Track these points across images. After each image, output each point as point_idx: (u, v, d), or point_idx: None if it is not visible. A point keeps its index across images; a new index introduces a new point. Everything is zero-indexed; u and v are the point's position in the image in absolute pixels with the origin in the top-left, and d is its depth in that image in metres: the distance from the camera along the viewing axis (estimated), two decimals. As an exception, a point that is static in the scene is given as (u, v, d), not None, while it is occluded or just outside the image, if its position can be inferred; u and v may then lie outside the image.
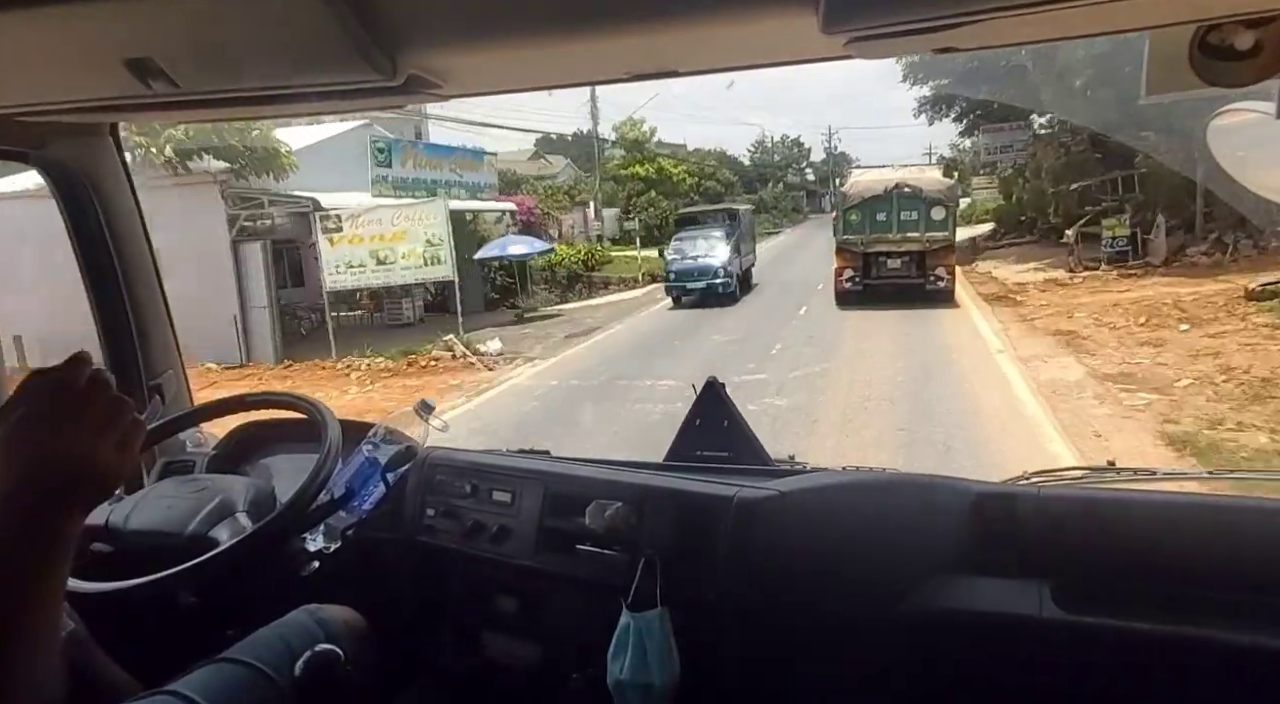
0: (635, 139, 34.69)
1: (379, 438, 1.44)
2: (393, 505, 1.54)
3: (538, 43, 0.96)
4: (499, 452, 1.67)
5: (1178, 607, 1.12)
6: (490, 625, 1.54)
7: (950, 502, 1.33)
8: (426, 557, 1.56)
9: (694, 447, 1.56)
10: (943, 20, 0.80)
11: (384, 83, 0.97)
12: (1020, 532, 1.27)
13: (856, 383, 9.21)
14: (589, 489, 1.42)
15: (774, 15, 0.87)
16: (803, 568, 1.27)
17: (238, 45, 0.95)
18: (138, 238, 1.69)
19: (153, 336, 1.74)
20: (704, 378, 1.57)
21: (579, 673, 1.38)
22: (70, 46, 0.98)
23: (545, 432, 7.68)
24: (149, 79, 0.98)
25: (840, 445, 6.81)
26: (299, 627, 1.32)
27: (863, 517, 1.33)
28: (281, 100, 1.10)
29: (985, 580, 1.25)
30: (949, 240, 13.13)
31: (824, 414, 7.98)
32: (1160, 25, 0.93)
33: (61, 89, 1.12)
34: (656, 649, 1.25)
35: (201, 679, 1.17)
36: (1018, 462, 5.45)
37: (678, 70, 1.13)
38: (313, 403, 1.41)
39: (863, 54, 0.95)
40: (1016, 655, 1.20)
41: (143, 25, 0.92)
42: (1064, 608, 1.17)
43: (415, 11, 0.91)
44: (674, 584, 1.27)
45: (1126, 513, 1.26)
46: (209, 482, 1.38)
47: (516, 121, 45.39)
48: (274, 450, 1.73)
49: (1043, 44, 0.99)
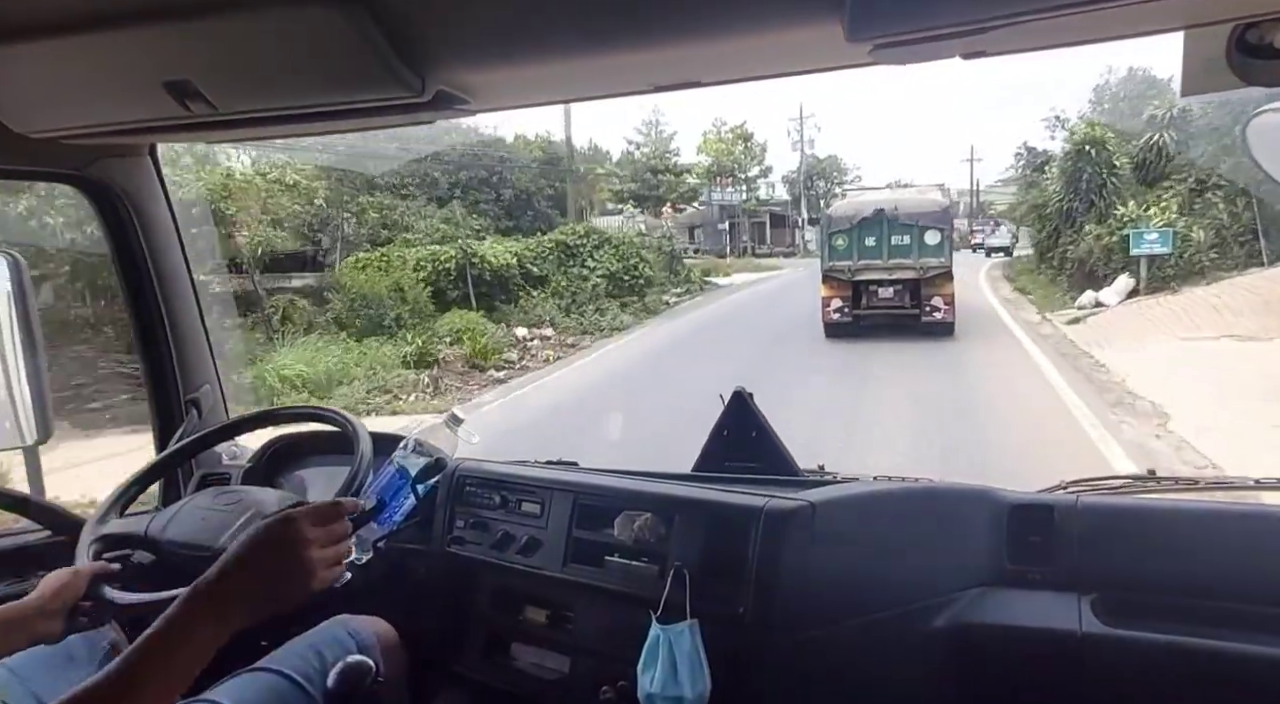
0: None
1: (409, 449, 1.45)
2: (423, 517, 1.55)
3: (563, 57, 0.97)
4: (528, 462, 1.68)
5: (1224, 621, 1.09)
6: (520, 637, 1.54)
7: (985, 512, 1.30)
8: (456, 568, 1.57)
9: (722, 457, 1.55)
10: (970, 25, 0.79)
11: (413, 99, 0.99)
12: (1058, 543, 1.24)
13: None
14: (617, 500, 1.41)
15: (799, 24, 0.87)
16: (834, 580, 1.25)
17: (272, 66, 0.97)
18: (175, 255, 1.73)
19: (189, 351, 1.78)
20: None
21: (609, 686, 1.37)
22: (114, 71, 1.01)
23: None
24: (187, 101, 1.01)
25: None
26: (331, 637, 1.33)
27: (895, 528, 1.31)
28: (314, 118, 1.13)
29: (1022, 593, 1.23)
30: (945, 267, 11.69)
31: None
32: (1196, 25, 0.91)
33: (106, 112, 1.15)
34: (686, 662, 1.24)
35: (237, 688, 1.19)
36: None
37: (701, 81, 1.13)
38: (344, 415, 1.43)
39: (888, 61, 0.94)
40: (1056, 672, 1.17)
41: (181, 49, 0.95)
42: (1105, 622, 1.14)
43: (443, 29, 0.92)
44: (704, 596, 1.26)
45: (1170, 523, 1.23)
46: (243, 494, 1.40)
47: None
48: (307, 463, 1.76)
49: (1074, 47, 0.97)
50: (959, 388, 9.03)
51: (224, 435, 1.63)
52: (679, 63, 1.03)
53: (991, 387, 9.01)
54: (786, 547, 1.25)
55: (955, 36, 0.82)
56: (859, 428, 7.41)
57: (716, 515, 1.32)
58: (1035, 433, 6.90)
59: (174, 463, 1.63)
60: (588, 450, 1.86)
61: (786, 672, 1.26)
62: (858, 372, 10.05)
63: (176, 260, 1.74)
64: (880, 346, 11.38)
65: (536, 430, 7.51)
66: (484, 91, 1.09)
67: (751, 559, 1.25)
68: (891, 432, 7.27)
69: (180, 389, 1.75)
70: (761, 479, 1.46)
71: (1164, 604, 1.14)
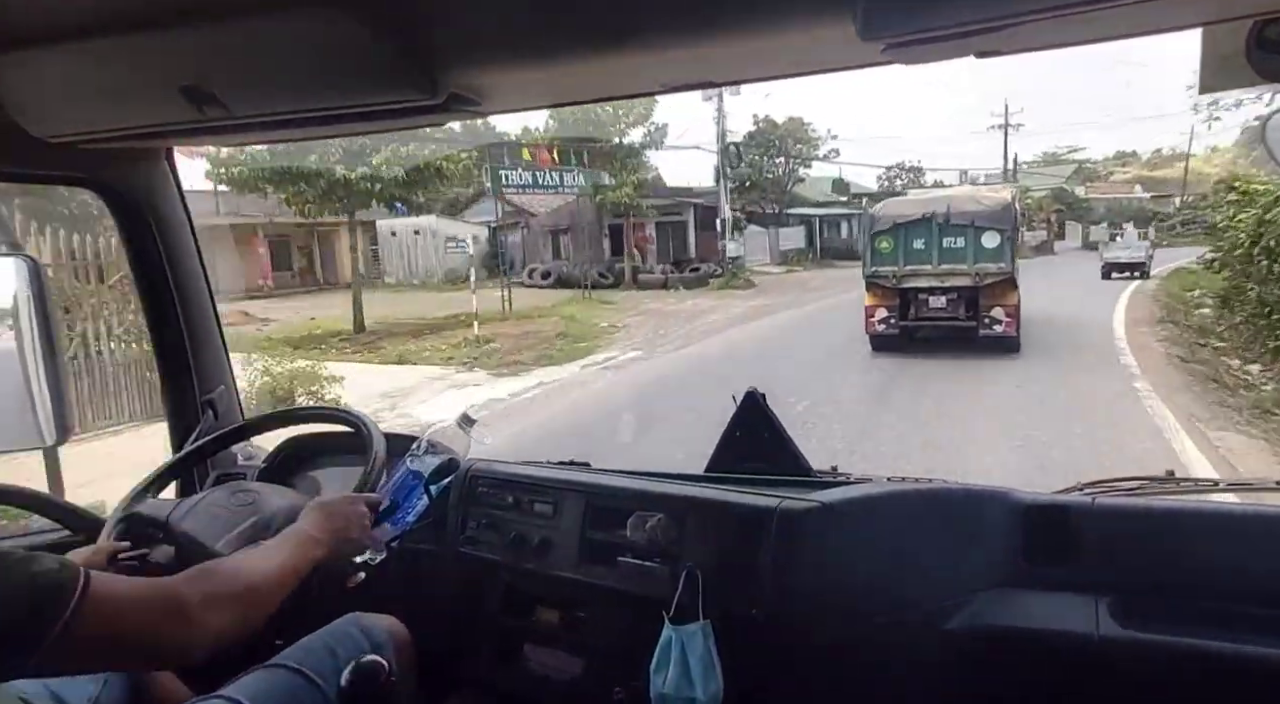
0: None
1: (422, 450, 1.45)
2: (436, 517, 1.55)
3: (575, 58, 0.97)
4: (540, 463, 1.68)
5: (1244, 624, 1.07)
6: (532, 638, 1.54)
7: (999, 513, 1.29)
8: (469, 568, 1.58)
9: (735, 458, 1.55)
10: (984, 24, 0.79)
11: (426, 102, 1.00)
12: (1074, 545, 1.23)
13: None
14: (630, 501, 1.41)
15: (811, 24, 0.87)
16: (847, 582, 1.25)
17: (285, 69, 0.98)
18: (191, 258, 1.75)
19: (206, 353, 1.79)
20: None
21: (621, 687, 1.37)
22: (131, 76, 1.02)
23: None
24: (203, 105, 1.02)
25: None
26: (345, 635, 1.34)
27: (909, 529, 1.30)
28: (327, 121, 1.14)
29: (1038, 595, 1.22)
30: (1006, 273, 10.09)
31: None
32: (1215, 21, 0.90)
33: (123, 116, 1.17)
34: (699, 663, 1.23)
35: (251, 684, 1.20)
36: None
37: (713, 81, 1.13)
38: (358, 416, 1.44)
39: (901, 60, 0.93)
40: (1073, 675, 1.16)
41: (197, 53, 0.96)
42: (1123, 625, 1.13)
43: (455, 32, 0.93)
44: (716, 597, 1.26)
45: (1189, 525, 1.21)
46: (258, 494, 1.42)
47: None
48: (321, 463, 1.77)
49: (1090, 45, 0.96)
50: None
51: (240, 436, 1.64)
52: (690, 63, 1.03)
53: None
54: (799, 548, 1.24)
55: (968, 35, 0.82)
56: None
57: (729, 516, 1.32)
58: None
59: (190, 463, 1.64)
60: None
61: (799, 673, 1.26)
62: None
63: (192, 263, 1.75)
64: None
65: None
66: (496, 93, 1.10)
67: (764, 560, 1.24)
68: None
69: (197, 390, 1.77)
70: (774, 480, 1.46)
71: (1183, 607, 1.13)
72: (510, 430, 7.11)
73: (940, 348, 10.24)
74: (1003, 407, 7.33)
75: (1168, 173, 46.21)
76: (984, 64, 0.94)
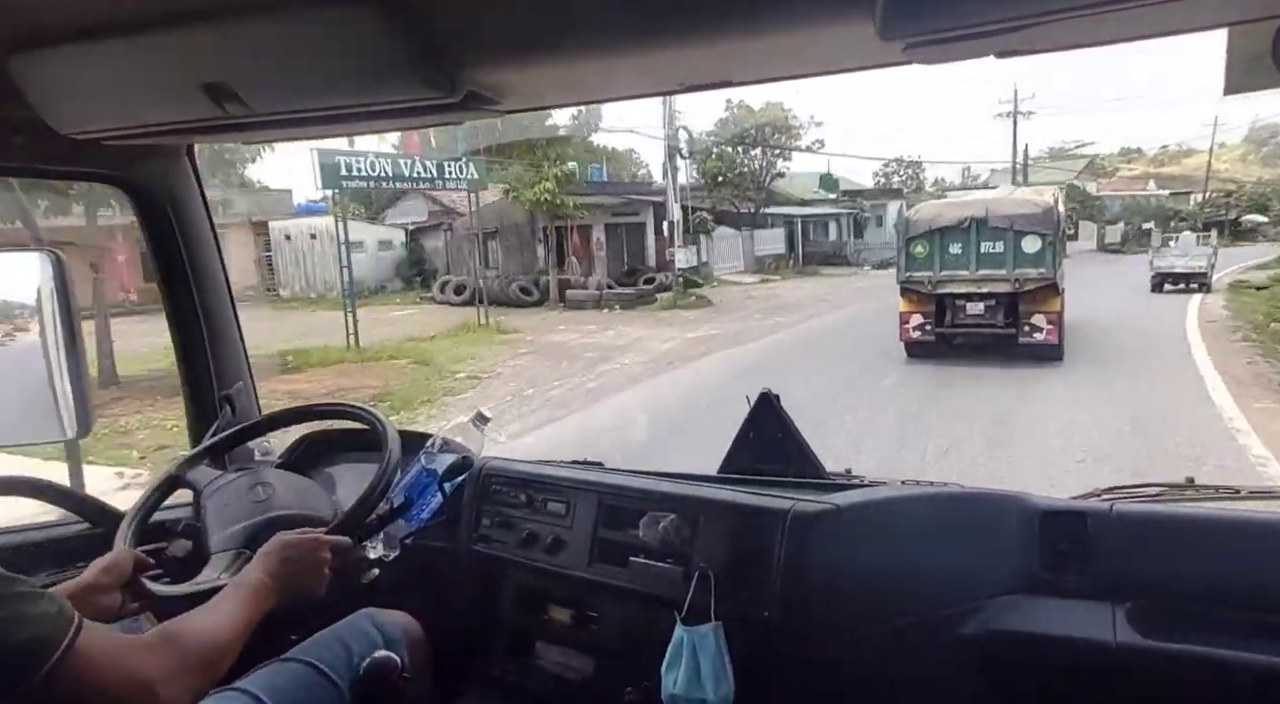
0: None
1: (436, 448, 1.46)
2: (449, 515, 1.56)
3: (594, 56, 0.98)
4: (553, 462, 1.68)
5: (1264, 633, 1.05)
6: (544, 636, 1.55)
7: (1016, 518, 1.28)
8: (482, 566, 1.58)
9: (748, 459, 1.55)
10: (1005, 23, 0.78)
11: (444, 99, 1.00)
12: (1091, 551, 1.22)
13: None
14: (642, 501, 1.41)
15: (830, 23, 0.87)
16: (860, 585, 1.24)
17: (305, 67, 0.99)
18: (211, 255, 1.77)
19: (224, 349, 1.81)
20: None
21: (632, 687, 1.37)
22: (153, 74, 1.04)
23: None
24: (224, 102, 1.03)
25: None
26: (358, 631, 1.35)
27: (923, 533, 1.29)
28: (347, 119, 1.14)
29: (1054, 602, 1.20)
30: (1047, 279, 9.73)
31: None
32: (1240, 21, 0.89)
33: (145, 113, 1.18)
34: (710, 664, 1.23)
35: (266, 677, 1.21)
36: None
37: (731, 80, 1.12)
38: (373, 413, 1.45)
39: (921, 60, 0.93)
40: (1088, 683, 1.14)
41: (218, 51, 0.97)
42: (1140, 633, 1.12)
43: (473, 29, 0.93)
44: (728, 598, 1.25)
45: (1209, 532, 1.20)
46: (274, 490, 1.43)
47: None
48: (336, 460, 1.78)
49: (1112, 45, 0.95)
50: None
51: (257, 431, 1.66)
52: (709, 62, 1.03)
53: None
54: (812, 550, 1.23)
55: (989, 34, 0.81)
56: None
57: (742, 517, 1.31)
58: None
59: (206, 457, 1.66)
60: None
61: (811, 676, 1.25)
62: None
63: (212, 259, 1.77)
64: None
65: None
66: (514, 92, 1.10)
67: (777, 562, 1.24)
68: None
69: (215, 385, 1.79)
70: (787, 482, 1.45)
71: (1201, 615, 1.11)
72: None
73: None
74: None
75: (1175, 169, 45.17)
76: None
